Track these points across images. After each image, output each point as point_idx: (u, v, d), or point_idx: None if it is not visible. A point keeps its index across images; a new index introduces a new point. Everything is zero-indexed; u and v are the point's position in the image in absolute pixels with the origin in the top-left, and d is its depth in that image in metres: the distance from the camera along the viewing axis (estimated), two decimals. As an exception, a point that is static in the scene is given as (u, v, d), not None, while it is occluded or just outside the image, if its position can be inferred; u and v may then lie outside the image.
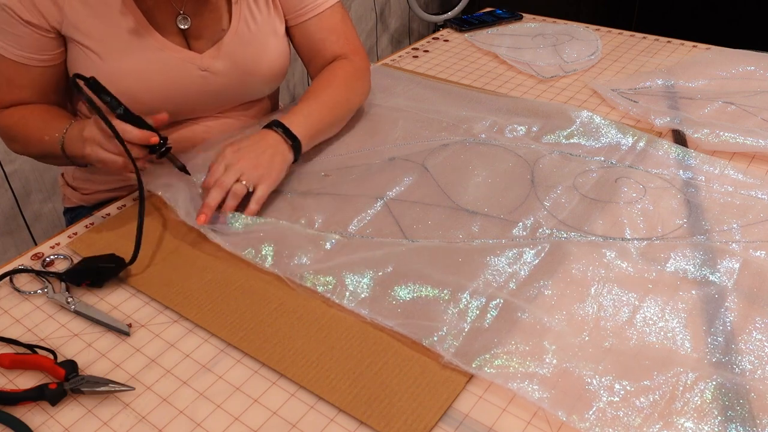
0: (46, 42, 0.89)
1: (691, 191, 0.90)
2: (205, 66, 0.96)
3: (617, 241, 0.80)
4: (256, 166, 0.87)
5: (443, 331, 0.68)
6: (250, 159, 0.87)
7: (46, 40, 0.89)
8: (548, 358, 0.65)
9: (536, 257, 0.78)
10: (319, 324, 0.71)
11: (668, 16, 2.37)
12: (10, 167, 1.56)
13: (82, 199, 1.10)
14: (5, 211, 1.59)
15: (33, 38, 0.88)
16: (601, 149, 1.00)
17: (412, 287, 0.74)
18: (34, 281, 0.79)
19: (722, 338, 0.67)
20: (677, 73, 1.22)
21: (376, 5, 2.56)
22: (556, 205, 0.88)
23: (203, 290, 0.76)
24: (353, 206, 0.88)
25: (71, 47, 0.91)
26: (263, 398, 0.64)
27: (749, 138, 0.98)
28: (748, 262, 0.76)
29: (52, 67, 0.92)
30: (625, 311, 0.70)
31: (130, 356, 0.68)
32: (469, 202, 0.89)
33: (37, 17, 0.87)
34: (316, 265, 0.77)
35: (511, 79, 1.27)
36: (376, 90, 1.19)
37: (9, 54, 0.89)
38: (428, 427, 0.60)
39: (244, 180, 0.86)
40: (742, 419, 0.58)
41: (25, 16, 0.86)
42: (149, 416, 0.62)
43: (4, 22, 0.87)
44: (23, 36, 0.88)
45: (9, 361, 0.67)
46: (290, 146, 0.93)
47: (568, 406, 0.60)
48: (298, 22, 1.05)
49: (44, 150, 0.92)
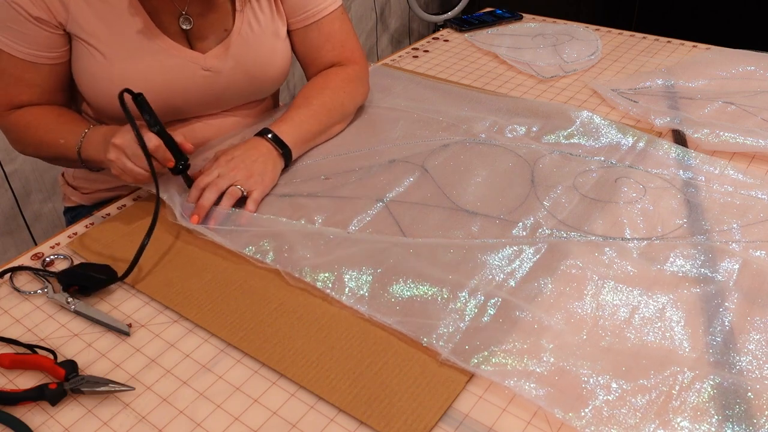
0: (54, 39, 0.90)
1: (691, 191, 0.90)
2: (208, 66, 0.96)
3: (617, 241, 0.80)
4: (248, 176, 0.89)
5: (442, 328, 0.68)
6: (242, 169, 0.89)
7: (55, 37, 0.89)
8: (546, 357, 0.65)
9: (535, 256, 0.78)
10: (319, 324, 0.71)
11: (668, 16, 2.37)
12: (10, 167, 1.56)
13: (82, 198, 1.10)
14: (5, 211, 1.60)
15: (42, 35, 0.88)
16: (601, 149, 1.00)
17: (411, 285, 0.74)
18: (34, 281, 0.79)
19: (721, 338, 0.67)
20: (677, 73, 1.23)
21: (376, 5, 2.56)
22: (556, 205, 0.88)
23: (203, 290, 0.76)
24: (353, 208, 0.88)
25: (75, 45, 0.91)
26: (263, 398, 0.64)
27: (749, 138, 0.99)
28: (747, 262, 0.76)
29: (60, 64, 0.92)
30: (623, 311, 0.70)
31: (130, 356, 0.69)
32: (469, 202, 0.89)
33: (45, 13, 0.87)
34: (316, 260, 0.77)
35: (511, 79, 1.27)
36: (376, 90, 1.20)
37: (18, 53, 0.89)
38: (428, 427, 0.60)
39: (238, 185, 0.88)
40: (739, 418, 0.58)
41: (34, 12, 0.86)
42: (149, 416, 0.62)
43: (13, 20, 0.87)
44: (32, 33, 0.88)
45: (9, 361, 0.67)
46: (281, 154, 0.95)
47: (565, 405, 0.60)
48: (299, 27, 1.05)
49: (57, 153, 0.92)
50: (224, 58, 0.97)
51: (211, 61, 0.96)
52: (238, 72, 0.99)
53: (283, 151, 0.94)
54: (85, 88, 0.94)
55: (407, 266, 0.77)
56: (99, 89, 0.92)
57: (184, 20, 0.94)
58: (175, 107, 0.96)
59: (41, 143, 0.93)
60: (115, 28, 0.90)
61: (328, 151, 1.02)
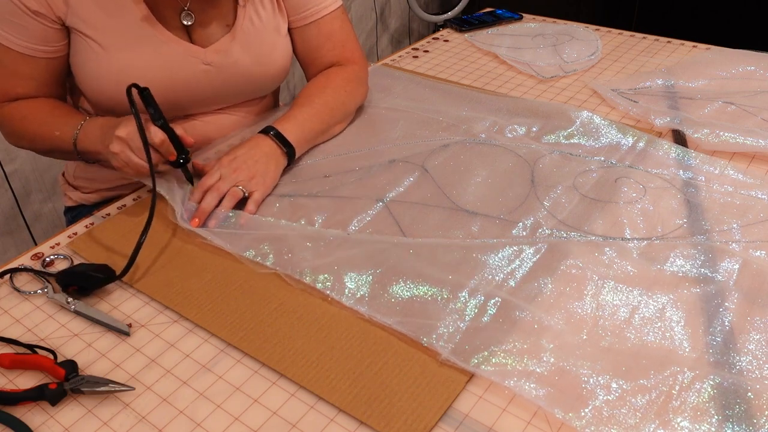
0: (52, 33, 0.90)
1: (691, 191, 0.90)
2: (209, 60, 0.96)
3: (617, 241, 0.80)
4: (251, 177, 0.89)
5: (442, 328, 0.68)
6: (245, 170, 0.89)
7: (53, 31, 0.89)
8: (546, 357, 0.65)
9: (535, 256, 0.78)
10: (319, 324, 0.71)
11: (668, 16, 2.37)
12: (10, 167, 1.56)
13: (83, 198, 1.10)
14: (5, 211, 1.59)
15: (39, 29, 0.88)
16: (601, 149, 1.00)
17: (411, 285, 0.74)
18: (34, 281, 0.79)
19: (721, 338, 0.67)
20: (677, 73, 1.23)
21: (376, 5, 2.56)
22: (556, 205, 0.88)
23: (203, 290, 0.76)
24: (353, 208, 0.88)
25: (74, 39, 0.91)
26: (263, 398, 0.64)
27: (749, 138, 0.99)
28: (747, 262, 0.76)
29: (56, 58, 0.92)
30: (623, 311, 0.70)
31: (130, 356, 0.69)
32: (469, 202, 0.89)
33: (44, 7, 0.87)
34: (315, 261, 0.77)
35: (511, 79, 1.27)
36: (376, 90, 1.20)
37: (15, 45, 0.89)
38: (428, 427, 0.60)
39: (240, 186, 0.87)
40: (739, 418, 0.58)
41: (33, 6, 0.86)
42: (149, 416, 0.62)
43: (11, 13, 0.87)
44: (29, 27, 0.88)
45: (9, 361, 0.67)
46: (284, 153, 0.94)
47: (565, 405, 0.60)
48: (299, 26, 1.05)
49: (53, 145, 0.92)
50: (225, 53, 0.97)
51: (211, 56, 0.96)
52: (239, 67, 0.99)
53: (287, 150, 0.94)
54: (84, 82, 0.94)
55: (407, 266, 0.77)
56: (98, 82, 0.92)
57: (185, 15, 0.94)
58: (175, 102, 0.96)
59: (36, 135, 0.93)
60: (116, 18, 0.90)
61: (329, 151, 1.02)
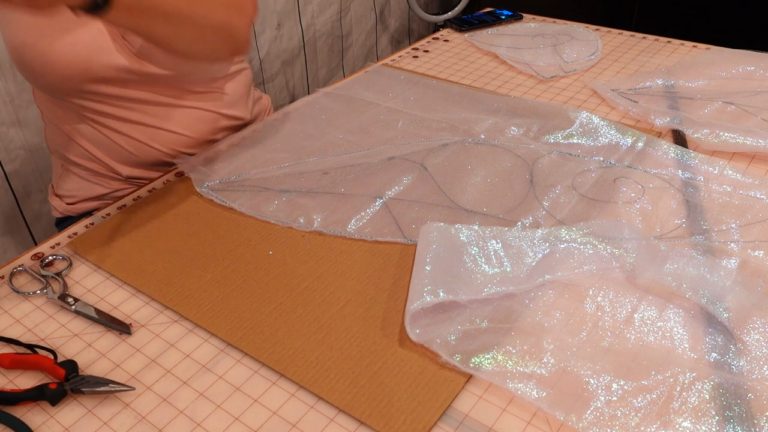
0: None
1: (690, 191, 0.90)
2: (123, 33, 0.91)
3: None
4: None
5: (441, 329, 0.68)
6: None
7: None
8: (546, 358, 0.65)
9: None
10: (319, 324, 0.71)
11: (668, 16, 2.37)
12: (10, 167, 1.56)
13: (67, 209, 1.09)
14: (5, 211, 1.59)
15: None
16: (600, 149, 1.00)
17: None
18: (34, 281, 0.79)
19: (721, 338, 0.67)
20: (677, 73, 1.23)
21: (376, 5, 2.56)
22: (554, 204, 0.88)
23: (203, 290, 0.76)
24: (352, 205, 0.88)
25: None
26: (263, 398, 0.64)
27: (749, 138, 0.99)
28: (746, 262, 0.76)
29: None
30: (623, 311, 0.70)
31: (130, 356, 0.69)
32: (468, 201, 0.89)
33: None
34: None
35: (511, 79, 1.27)
36: (376, 90, 1.20)
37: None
38: (428, 426, 0.60)
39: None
40: (740, 419, 0.59)
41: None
42: (149, 416, 0.62)
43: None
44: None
45: (9, 361, 0.67)
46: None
47: (566, 406, 0.60)
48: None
49: None
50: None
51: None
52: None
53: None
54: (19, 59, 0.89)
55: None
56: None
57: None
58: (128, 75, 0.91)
59: None
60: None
61: (328, 150, 1.02)
